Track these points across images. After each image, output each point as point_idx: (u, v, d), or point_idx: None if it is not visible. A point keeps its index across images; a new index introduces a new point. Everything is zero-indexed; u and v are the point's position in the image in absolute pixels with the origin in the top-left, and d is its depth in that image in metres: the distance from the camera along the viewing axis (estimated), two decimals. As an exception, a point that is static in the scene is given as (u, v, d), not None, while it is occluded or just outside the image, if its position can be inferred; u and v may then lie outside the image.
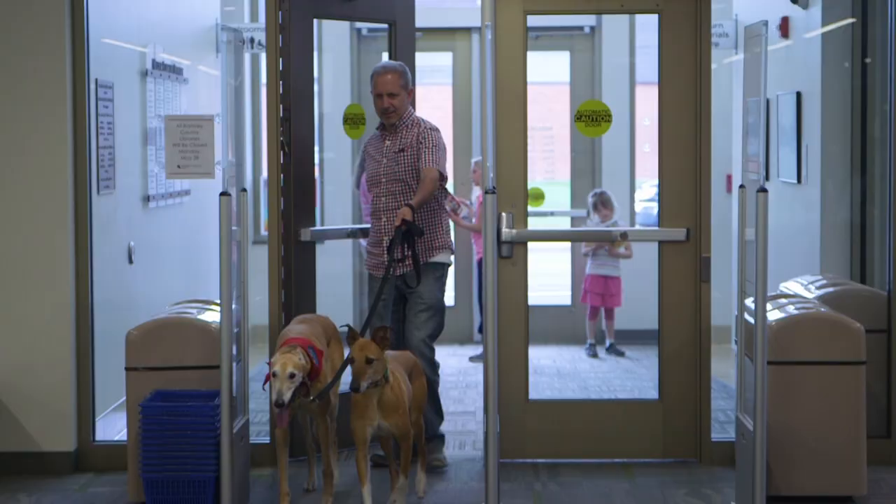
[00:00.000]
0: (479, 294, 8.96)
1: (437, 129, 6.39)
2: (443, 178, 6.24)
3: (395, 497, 5.53)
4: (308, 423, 6.00)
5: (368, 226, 6.66)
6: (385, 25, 9.61)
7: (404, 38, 7.10)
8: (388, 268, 6.01)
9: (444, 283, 6.50)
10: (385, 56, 10.82)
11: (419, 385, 5.75)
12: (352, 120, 7.04)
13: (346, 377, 5.39)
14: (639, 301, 8.30)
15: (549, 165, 12.10)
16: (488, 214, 5.38)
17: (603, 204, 9.43)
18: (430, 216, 6.31)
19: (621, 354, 9.41)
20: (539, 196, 9.62)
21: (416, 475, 5.85)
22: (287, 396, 5.07)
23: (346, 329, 5.35)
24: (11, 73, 6.40)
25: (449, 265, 6.52)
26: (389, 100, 6.20)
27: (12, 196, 6.43)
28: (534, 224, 6.88)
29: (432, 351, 6.37)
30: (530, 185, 6.81)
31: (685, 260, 6.61)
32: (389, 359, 5.37)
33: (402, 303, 6.43)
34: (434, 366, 6.39)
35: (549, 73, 11.24)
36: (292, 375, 5.10)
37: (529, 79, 6.68)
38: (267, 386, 5.30)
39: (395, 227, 5.97)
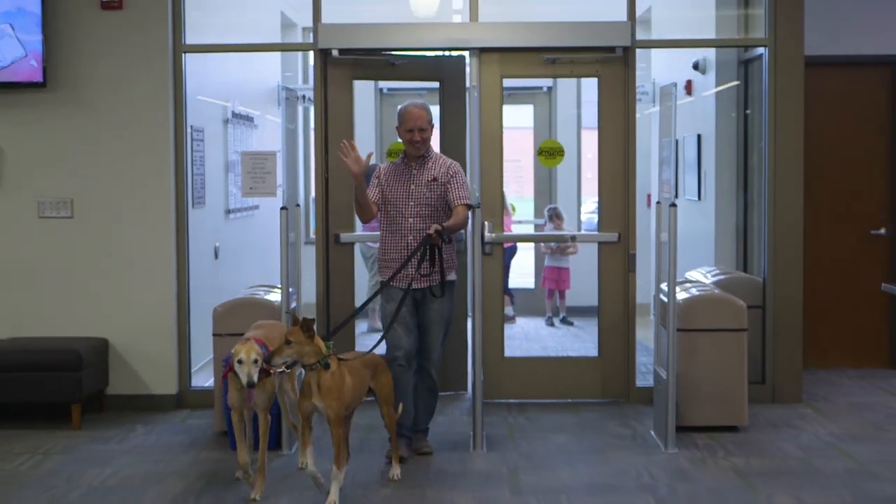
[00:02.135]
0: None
1: (460, 165, 5.53)
2: (470, 208, 5.36)
3: (334, 476, 4.57)
4: (250, 419, 4.95)
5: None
6: (406, 84, 9.61)
7: (453, 93, 6.84)
8: (388, 280, 5.28)
9: (454, 297, 5.57)
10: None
11: (385, 382, 4.92)
12: (396, 153, 6.92)
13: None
14: (584, 285, 8.29)
15: (518, 187, 12.15)
16: (474, 223, 5.42)
17: (556, 216, 9.45)
18: (448, 251, 5.37)
19: (571, 324, 9.40)
20: (511, 209, 9.71)
21: (392, 465, 5.01)
22: (255, 377, 4.49)
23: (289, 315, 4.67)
24: (131, 121, 6.42)
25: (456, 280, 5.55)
26: (420, 133, 5.28)
27: (130, 210, 6.44)
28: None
29: (440, 362, 5.49)
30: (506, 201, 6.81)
31: (617, 256, 6.63)
32: (355, 358, 4.74)
33: (416, 310, 5.36)
34: (438, 374, 5.47)
35: (518, 120, 11.25)
36: (256, 360, 4.48)
37: (504, 125, 6.70)
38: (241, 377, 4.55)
39: (427, 234, 5.13)
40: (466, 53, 6.62)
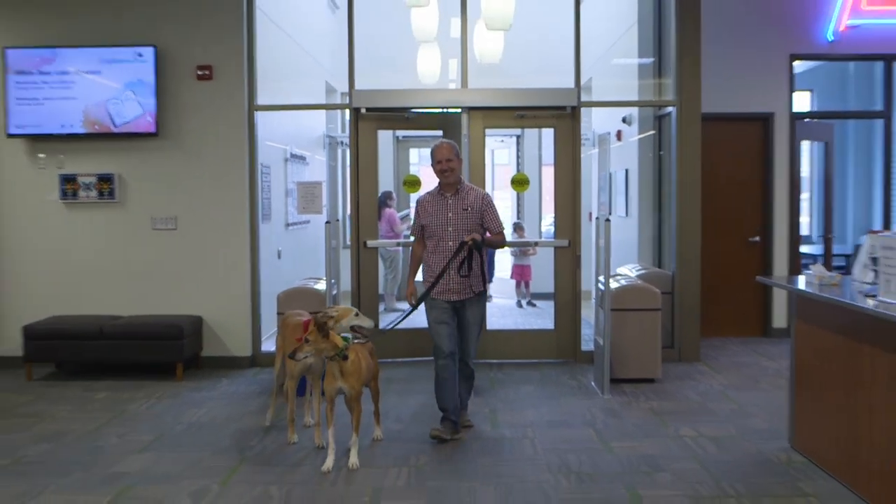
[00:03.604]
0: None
1: (490, 196, 4.82)
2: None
3: (350, 446, 4.13)
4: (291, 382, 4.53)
5: (402, 239, 6.61)
6: (417, 133, 9.60)
7: (451, 139, 6.59)
8: (428, 290, 4.58)
9: (485, 305, 4.84)
10: (413, 151, 10.89)
11: (375, 362, 4.42)
12: (409, 183, 6.87)
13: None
14: (544, 277, 8.32)
15: (500, 207, 12.12)
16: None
17: (519, 227, 9.48)
18: (483, 263, 4.63)
19: (534, 305, 9.43)
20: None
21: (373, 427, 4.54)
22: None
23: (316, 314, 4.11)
24: (218, 160, 6.44)
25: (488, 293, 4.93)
26: (447, 163, 4.59)
27: (218, 224, 6.47)
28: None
29: (476, 354, 4.78)
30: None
31: (568, 256, 6.66)
32: (358, 344, 4.21)
33: (455, 315, 4.61)
34: (474, 364, 4.82)
35: (498, 158, 11.32)
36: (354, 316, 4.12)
37: (487, 162, 6.74)
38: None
39: (464, 241, 4.52)
40: (460, 110, 6.65)
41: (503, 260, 10.69)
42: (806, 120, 7.73)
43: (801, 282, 4.20)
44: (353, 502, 3.63)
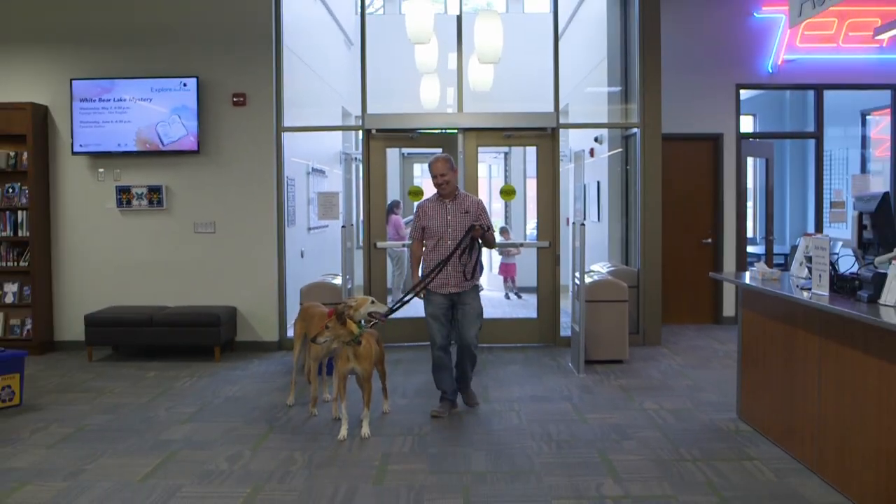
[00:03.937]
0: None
1: (483, 202, 4.65)
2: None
3: (362, 418, 4.11)
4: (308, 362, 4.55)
5: (407, 241, 6.60)
6: (420, 150, 9.58)
7: (449, 154, 6.60)
8: (426, 283, 4.42)
9: (479, 297, 4.56)
10: (416, 166, 10.90)
11: (381, 349, 4.30)
12: (414, 193, 6.78)
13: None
14: (528, 273, 8.34)
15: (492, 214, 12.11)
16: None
17: (505, 231, 9.48)
18: (478, 255, 4.46)
19: (520, 297, 9.41)
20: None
21: (382, 402, 4.54)
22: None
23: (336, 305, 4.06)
24: (251, 174, 6.43)
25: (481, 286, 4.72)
26: (442, 177, 4.43)
27: (250, 228, 6.45)
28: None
29: (477, 342, 4.51)
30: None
31: (549, 255, 6.66)
32: (368, 332, 4.09)
33: (452, 311, 4.49)
34: (477, 350, 4.59)
35: (489, 173, 11.32)
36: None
37: (480, 175, 6.74)
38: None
39: (474, 224, 4.36)
40: (457, 131, 6.65)
41: (496, 261, 10.69)
42: (750, 139, 7.75)
43: (747, 277, 4.22)
44: (365, 465, 3.64)
